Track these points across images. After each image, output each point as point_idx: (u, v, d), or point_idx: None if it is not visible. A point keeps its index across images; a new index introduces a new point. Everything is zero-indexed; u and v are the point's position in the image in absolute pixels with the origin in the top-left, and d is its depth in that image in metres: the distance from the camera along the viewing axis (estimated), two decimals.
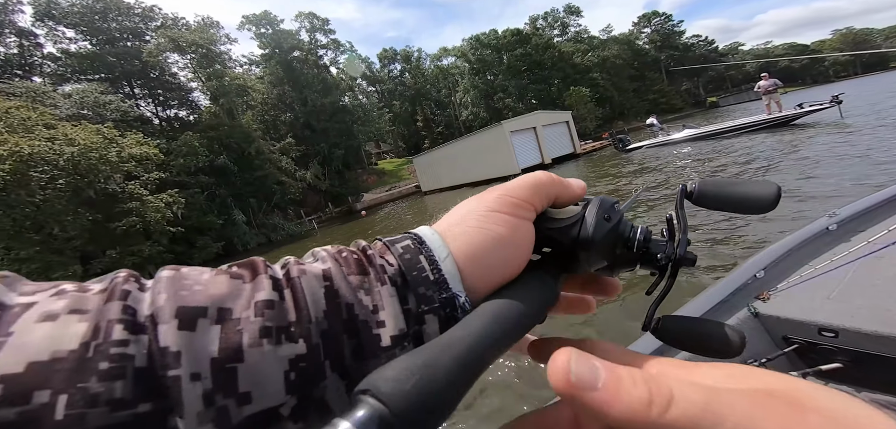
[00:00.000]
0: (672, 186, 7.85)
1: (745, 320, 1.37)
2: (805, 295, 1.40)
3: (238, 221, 18.83)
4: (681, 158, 10.63)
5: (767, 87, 11.70)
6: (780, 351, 1.29)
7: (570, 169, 16.79)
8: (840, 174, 5.14)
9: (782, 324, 1.33)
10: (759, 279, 1.53)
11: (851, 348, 1.19)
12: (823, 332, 1.23)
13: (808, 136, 8.92)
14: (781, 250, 1.65)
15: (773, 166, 6.81)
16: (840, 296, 1.34)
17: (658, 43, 60.96)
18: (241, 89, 26.30)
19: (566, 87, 43.65)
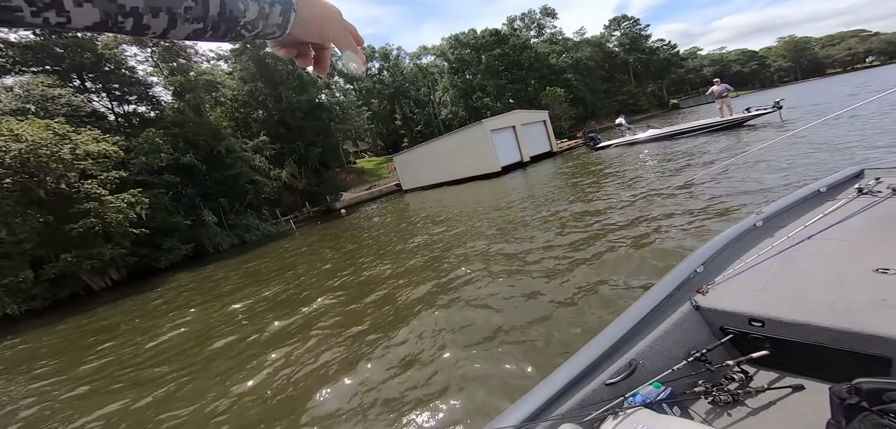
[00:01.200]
0: (637, 180, 8.40)
1: (688, 314, 1.43)
2: (737, 288, 1.48)
3: (208, 221, 17.91)
4: (645, 157, 11.40)
5: (720, 92, 12.73)
6: (717, 341, 1.34)
7: (547, 166, 17.32)
8: (775, 172, 5.73)
9: (719, 316, 1.40)
10: (698, 274, 1.60)
11: (776, 336, 1.26)
12: (753, 322, 1.30)
13: (754, 137, 9.94)
14: (717, 246, 1.74)
15: (721, 163, 7.50)
16: (765, 288, 1.42)
17: (627, 46, 63.77)
18: (210, 85, 25.07)
19: (542, 87, 44.80)
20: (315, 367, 3.54)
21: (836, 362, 1.16)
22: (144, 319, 7.76)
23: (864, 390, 0.93)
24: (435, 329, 3.65)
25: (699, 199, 5.38)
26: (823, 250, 1.59)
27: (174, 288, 11.18)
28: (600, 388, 1.18)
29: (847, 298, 1.25)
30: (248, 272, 10.55)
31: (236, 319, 5.99)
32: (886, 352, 1.09)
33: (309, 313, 5.19)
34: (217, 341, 5.07)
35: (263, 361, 4.00)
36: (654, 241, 4.39)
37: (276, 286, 7.43)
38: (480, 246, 6.11)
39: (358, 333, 4.04)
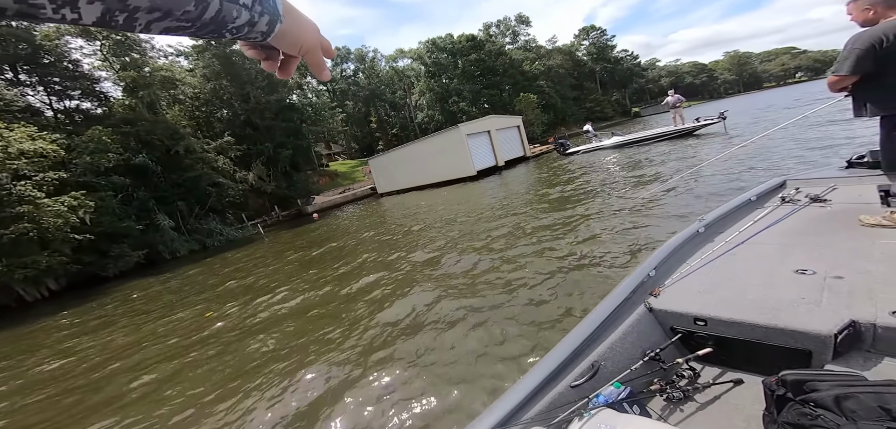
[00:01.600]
0: (601, 184, 8.73)
1: (643, 315, 1.51)
2: (683, 290, 1.57)
3: (163, 226, 16.64)
4: (610, 162, 12.06)
5: (673, 103, 13.74)
6: (669, 341, 1.42)
7: (521, 170, 17.68)
8: (720, 177, 6.23)
9: (669, 316, 1.49)
10: (651, 278, 1.69)
11: (717, 334, 1.34)
12: (697, 321, 1.39)
13: (702, 145, 10.88)
14: (666, 251, 1.86)
15: (675, 168, 8.14)
16: (707, 289, 1.53)
17: (594, 55, 66.84)
18: (168, 82, 23.47)
19: (516, 93, 45.87)
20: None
21: (767, 357, 1.24)
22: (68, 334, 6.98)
23: (789, 382, 0.99)
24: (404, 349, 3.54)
25: (657, 206, 5.68)
26: (754, 254, 1.73)
27: (120, 298, 10.26)
28: (566, 390, 1.21)
29: (773, 297, 1.35)
30: (199, 281, 9.88)
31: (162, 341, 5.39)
32: (807, 345, 1.17)
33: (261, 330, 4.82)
34: (127, 375, 4.30)
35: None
36: (615, 245, 4.54)
37: (231, 302, 6.91)
38: (460, 254, 6.00)
39: (309, 370, 3.40)
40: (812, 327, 1.17)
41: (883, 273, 1.35)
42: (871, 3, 1.83)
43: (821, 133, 8.13)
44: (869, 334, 1.14)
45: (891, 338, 1.11)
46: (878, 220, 1.80)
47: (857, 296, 1.26)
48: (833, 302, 1.25)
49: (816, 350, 1.17)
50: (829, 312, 1.21)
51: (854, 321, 1.15)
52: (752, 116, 17.21)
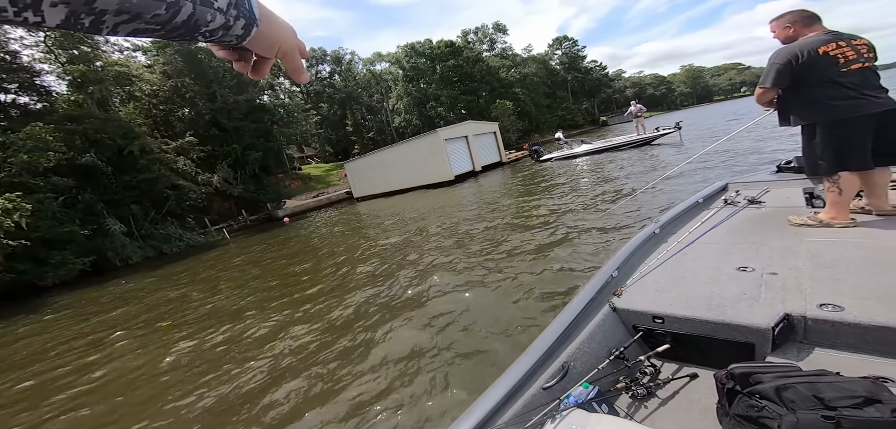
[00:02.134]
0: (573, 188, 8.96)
1: (607, 315, 1.54)
2: (643, 289, 1.63)
3: (114, 231, 15.27)
4: (581, 169, 12.56)
5: (635, 113, 14.65)
6: (631, 339, 1.46)
7: (497, 176, 17.89)
8: (676, 181, 6.63)
9: (631, 315, 1.53)
10: (614, 278, 1.74)
11: (673, 330, 1.40)
12: (655, 319, 1.44)
13: (661, 153, 11.67)
14: (627, 252, 1.91)
15: (638, 174, 8.63)
16: (663, 288, 1.59)
17: (567, 64, 69.54)
18: (123, 77, 21.77)
19: (493, 99, 46.73)
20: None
21: (717, 351, 1.29)
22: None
23: (737, 375, 1.03)
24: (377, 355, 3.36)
25: (623, 210, 5.91)
26: (702, 253, 1.83)
27: (51, 311, 9.24)
28: (538, 393, 1.22)
29: (720, 293, 1.42)
30: (148, 291, 9.12)
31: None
32: (750, 338, 1.24)
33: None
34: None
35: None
36: (587, 244, 4.62)
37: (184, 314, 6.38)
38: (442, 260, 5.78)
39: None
40: (753, 321, 1.23)
41: (809, 269, 1.45)
42: (790, 22, 1.97)
43: (755, 144, 8.96)
44: (801, 326, 1.22)
45: (819, 329, 1.19)
46: (804, 220, 1.95)
47: (789, 291, 1.34)
48: (769, 297, 1.33)
49: (758, 343, 1.23)
50: (767, 306, 1.28)
51: (788, 315, 1.22)
52: (701, 127, 18.48)
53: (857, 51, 1.83)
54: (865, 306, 1.17)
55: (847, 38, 1.86)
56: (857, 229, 1.77)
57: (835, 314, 1.17)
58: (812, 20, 1.96)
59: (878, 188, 1.92)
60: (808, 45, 1.85)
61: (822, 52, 1.83)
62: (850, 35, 1.88)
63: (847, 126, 1.84)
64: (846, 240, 1.66)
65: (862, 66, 1.82)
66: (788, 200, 2.35)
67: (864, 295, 1.22)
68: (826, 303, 1.22)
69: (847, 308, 1.18)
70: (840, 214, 1.86)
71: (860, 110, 1.81)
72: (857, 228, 1.78)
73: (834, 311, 1.18)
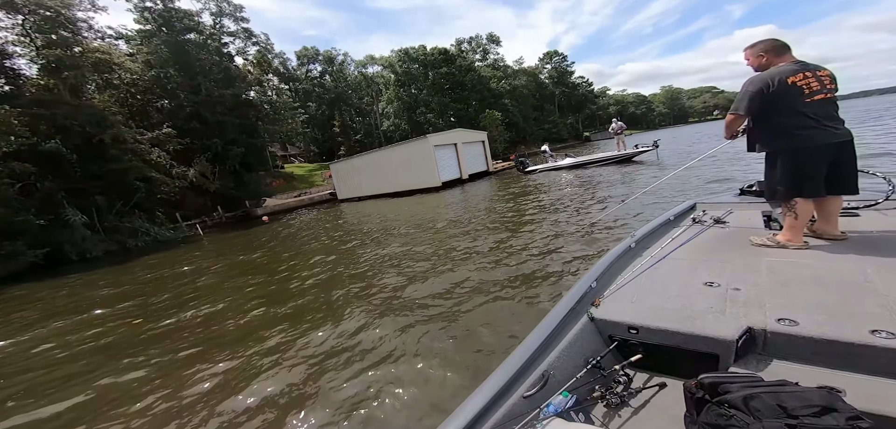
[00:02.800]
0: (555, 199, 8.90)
1: (585, 325, 1.57)
2: (619, 300, 1.67)
3: (74, 222, 14.36)
4: (565, 182, 12.78)
5: (617, 130, 15.29)
6: (607, 348, 1.49)
7: (484, 185, 17.88)
8: (653, 196, 6.78)
9: (607, 325, 1.56)
10: (593, 289, 1.78)
11: (646, 341, 1.44)
12: (630, 329, 1.48)
13: (640, 169, 12.06)
14: (605, 264, 1.98)
15: (618, 188, 8.92)
16: (638, 300, 1.63)
17: (555, 79, 71.02)
18: (102, 64, 20.82)
19: (482, 108, 47.14)
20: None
21: (685, 361, 1.35)
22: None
23: (706, 385, 1.06)
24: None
25: (603, 224, 5.97)
26: (673, 268, 1.91)
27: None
28: (520, 401, 1.23)
29: (689, 306, 1.49)
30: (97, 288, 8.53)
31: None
32: (715, 350, 1.29)
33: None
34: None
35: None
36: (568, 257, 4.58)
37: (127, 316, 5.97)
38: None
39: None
40: (719, 333, 1.29)
41: (768, 286, 1.56)
42: (763, 50, 2.05)
43: (721, 169, 9.35)
44: (760, 339, 1.29)
45: (776, 341, 1.26)
46: (764, 240, 2.06)
47: (750, 305, 1.43)
48: (733, 311, 1.41)
49: (722, 354, 1.29)
50: (731, 319, 1.35)
51: (750, 328, 1.29)
52: (674, 148, 19.22)
53: (820, 82, 1.90)
54: (817, 321, 1.26)
55: (813, 68, 1.93)
56: (809, 251, 1.90)
57: (790, 328, 1.26)
58: (783, 50, 2.03)
59: (829, 215, 2.03)
60: (779, 74, 1.92)
61: (791, 82, 1.89)
62: (816, 66, 1.95)
63: (804, 155, 1.93)
64: (800, 261, 1.78)
65: (823, 96, 1.90)
66: (749, 221, 2.51)
67: (816, 311, 1.32)
68: (783, 318, 1.31)
69: (801, 323, 1.26)
70: (795, 237, 1.98)
71: (818, 140, 1.89)
72: (810, 250, 1.91)
73: (790, 325, 1.27)
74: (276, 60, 43.20)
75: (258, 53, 38.33)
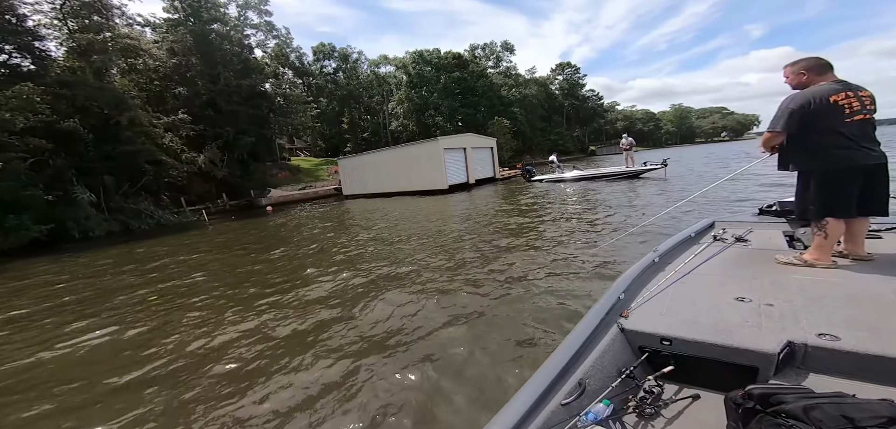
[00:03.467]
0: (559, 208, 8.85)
1: (616, 336, 1.58)
2: (648, 312, 1.68)
3: (81, 200, 14.64)
4: (569, 193, 12.79)
5: (626, 146, 15.25)
6: (638, 360, 1.49)
7: (489, 190, 17.82)
8: (663, 213, 6.65)
9: (638, 336, 1.57)
10: (621, 300, 1.80)
11: (679, 352, 1.45)
12: (663, 341, 1.49)
13: (648, 186, 11.95)
14: (631, 276, 2.00)
15: (625, 206, 8.81)
16: (668, 312, 1.65)
17: (566, 90, 70.21)
18: (130, 50, 21.37)
19: (491, 115, 47.00)
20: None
21: (719, 374, 1.35)
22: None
23: (756, 395, 1.06)
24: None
25: (620, 240, 5.83)
26: (701, 283, 1.93)
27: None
28: (557, 409, 1.24)
29: (725, 320, 1.50)
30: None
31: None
32: (755, 363, 1.31)
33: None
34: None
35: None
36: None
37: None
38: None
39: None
40: (759, 346, 1.31)
41: (802, 303, 1.58)
42: (805, 69, 2.03)
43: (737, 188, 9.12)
44: (800, 353, 1.31)
45: (817, 356, 1.29)
46: (790, 259, 2.07)
47: (787, 320, 1.45)
48: (771, 325, 1.43)
49: (762, 367, 1.30)
50: (769, 333, 1.37)
51: (791, 341, 1.31)
52: (682, 166, 18.82)
53: (862, 102, 1.89)
54: (859, 337, 1.28)
55: (855, 88, 1.92)
56: (838, 271, 1.92)
57: (832, 343, 1.28)
58: (825, 69, 2.01)
59: (856, 236, 2.05)
60: (821, 92, 1.91)
61: (833, 100, 1.89)
62: (857, 86, 1.94)
63: (840, 175, 1.94)
64: (830, 280, 1.80)
65: (863, 117, 1.89)
66: (771, 240, 2.53)
67: (856, 328, 1.34)
68: (824, 333, 1.32)
69: (843, 338, 1.28)
70: (823, 257, 1.98)
71: (855, 161, 1.90)
72: (839, 269, 1.93)
73: (831, 340, 1.28)
74: (293, 55, 43.86)
75: (277, 47, 38.98)
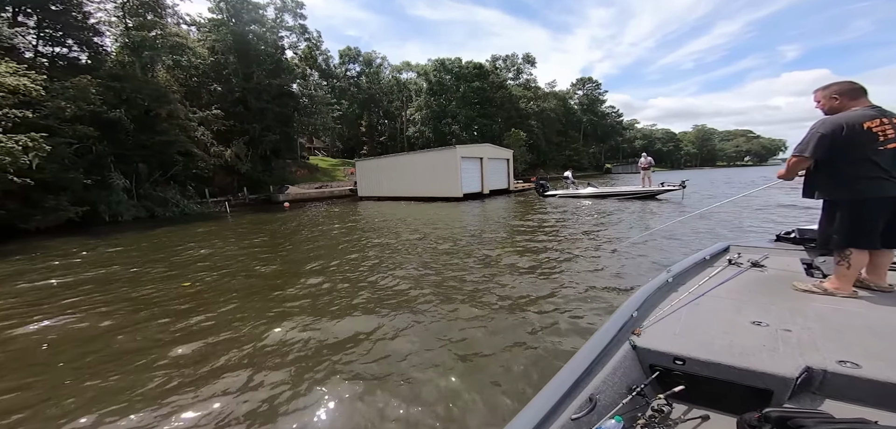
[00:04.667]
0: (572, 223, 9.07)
1: (627, 353, 1.57)
2: (661, 332, 1.68)
3: (115, 185, 15.63)
4: (583, 208, 12.81)
5: (644, 165, 15.04)
6: (648, 378, 1.48)
7: (501, 201, 18.02)
8: (679, 236, 6.79)
9: (650, 354, 1.56)
10: (633, 318, 1.79)
11: (692, 372, 1.45)
12: (676, 360, 1.48)
13: (664, 207, 11.89)
14: (644, 295, 1.99)
15: (639, 225, 8.83)
16: (682, 333, 1.65)
17: (585, 106, 68.87)
18: (178, 48, 22.80)
19: (507, 127, 46.95)
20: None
21: (731, 395, 1.37)
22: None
23: (773, 418, 1.06)
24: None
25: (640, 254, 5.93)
26: (715, 305, 1.93)
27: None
28: (568, 423, 1.23)
29: (740, 343, 1.51)
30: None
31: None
32: (771, 386, 1.31)
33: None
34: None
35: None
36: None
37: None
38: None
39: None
40: (777, 370, 1.31)
41: (821, 330, 1.58)
42: (837, 93, 1.98)
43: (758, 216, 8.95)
44: (818, 379, 1.31)
45: (835, 383, 1.29)
46: (809, 287, 2.04)
47: (805, 346, 1.45)
48: (788, 350, 1.44)
49: (778, 390, 1.31)
50: (787, 358, 1.38)
51: (809, 367, 1.31)
52: (702, 192, 17.95)
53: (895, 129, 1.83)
54: (881, 366, 1.28)
55: (890, 115, 1.86)
56: (858, 301, 1.90)
57: (853, 371, 1.28)
58: (859, 94, 1.95)
59: (880, 267, 2.02)
60: (855, 118, 1.86)
61: (867, 127, 1.83)
62: (892, 112, 1.88)
63: (869, 206, 1.89)
64: (850, 309, 1.79)
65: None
66: (788, 267, 2.51)
67: (877, 357, 1.34)
68: (844, 360, 1.32)
69: (864, 366, 1.28)
70: (844, 286, 1.95)
71: (886, 192, 1.84)
72: (859, 299, 1.91)
73: (852, 367, 1.29)
74: (321, 58, 45.47)
75: (306, 49, 40.52)
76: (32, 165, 12.31)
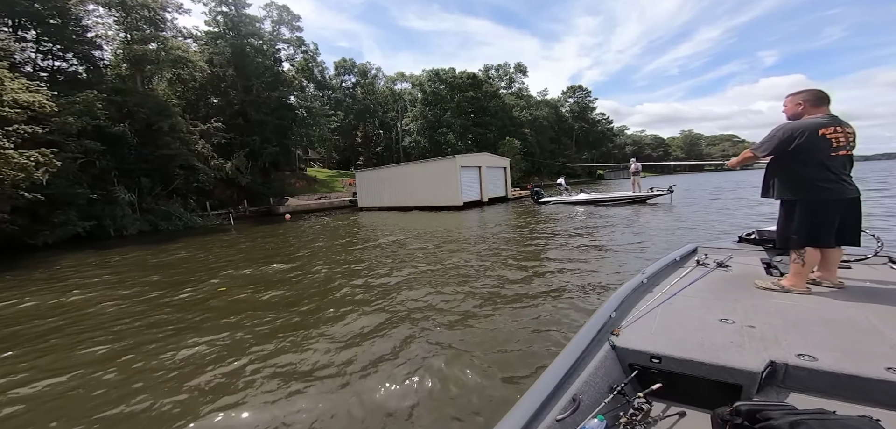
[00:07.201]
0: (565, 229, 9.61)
1: (607, 353, 1.61)
2: (638, 331, 1.73)
3: (121, 199, 15.69)
4: (577, 215, 13.30)
5: (635, 170, 15.65)
6: (628, 377, 1.52)
7: (500, 209, 18.40)
8: (662, 236, 7.37)
9: (628, 354, 1.60)
10: (612, 318, 1.83)
11: (668, 370, 1.49)
12: (653, 358, 1.52)
13: (653, 211, 12.41)
14: (621, 296, 2.07)
15: (629, 229, 9.31)
16: (657, 332, 1.71)
17: (576, 113, 70.16)
18: (180, 61, 22.92)
19: (502, 135, 47.60)
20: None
21: (704, 391, 1.42)
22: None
23: (744, 412, 1.09)
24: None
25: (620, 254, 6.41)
26: (687, 304, 2.03)
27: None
28: (553, 424, 1.23)
29: (710, 339, 1.58)
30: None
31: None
32: (740, 380, 1.36)
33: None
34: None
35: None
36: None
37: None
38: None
39: None
40: (744, 365, 1.37)
41: (781, 325, 1.68)
42: (803, 100, 2.14)
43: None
44: (781, 372, 1.38)
45: (796, 375, 1.36)
46: (769, 284, 2.19)
47: (768, 341, 1.53)
48: (753, 345, 1.50)
49: (746, 385, 1.35)
50: (753, 353, 1.44)
51: (773, 361, 1.38)
52: (689, 194, 18.99)
53: (846, 138, 2.02)
54: (835, 358, 1.37)
55: (843, 124, 2.04)
56: (812, 296, 2.05)
57: (810, 363, 1.35)
58: (822, 102, 2.11)
59: (831, 264, 2.17)
60: (811, 125, 2.03)
61: (822, 133, 2.00)
62: (845, 122, 2.05)
63: (825, 207, 2.05)
64: (806, 305, 1.92)
65: (845, 152, 2.03)
66: (750, 266, 2.67)
67: (831, 349, 1.44)
68: (803, 353, 1.41)
69: (820, 359, 1.37)
70: (799, 283, 2.11)
71: (839, 194, 2.03)
72: (813, 295, 2.06)
73: (810, 360, 1.37)
74: (316, 69, 45.89)
75: (302, 61, 40.94)
76: (44, 180, 12.38)
